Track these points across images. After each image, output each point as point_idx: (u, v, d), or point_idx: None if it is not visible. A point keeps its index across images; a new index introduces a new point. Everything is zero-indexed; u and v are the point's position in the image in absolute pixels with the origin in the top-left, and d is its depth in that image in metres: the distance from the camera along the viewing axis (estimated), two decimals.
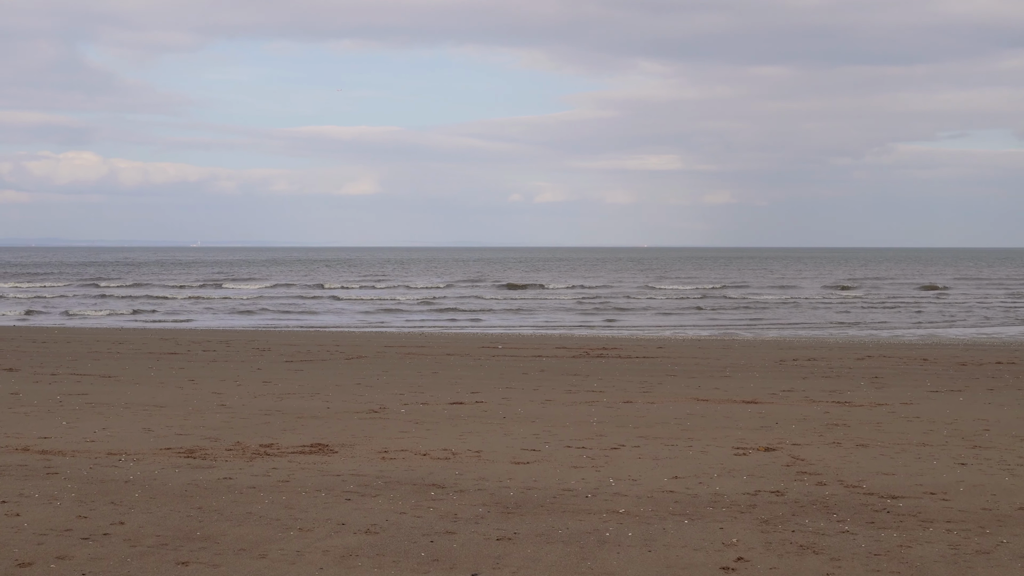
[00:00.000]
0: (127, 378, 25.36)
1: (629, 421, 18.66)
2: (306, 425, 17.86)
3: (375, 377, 26.12)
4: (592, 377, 26.59)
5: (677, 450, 15.68)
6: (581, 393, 22.96)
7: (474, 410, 20.01)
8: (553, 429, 17.59)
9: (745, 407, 20.75)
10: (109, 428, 17.40)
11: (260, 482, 13.16)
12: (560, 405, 20.88)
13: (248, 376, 26.11)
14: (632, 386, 24.47)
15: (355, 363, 30.31)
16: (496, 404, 20.89)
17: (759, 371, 28.63)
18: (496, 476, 13.65)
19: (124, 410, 19.58)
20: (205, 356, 32.09)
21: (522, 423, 18.28)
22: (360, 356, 32.54)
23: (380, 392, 22.82)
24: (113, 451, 15.28)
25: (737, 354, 34.52)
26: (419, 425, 17.94)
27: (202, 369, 27.92)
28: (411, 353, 33.82)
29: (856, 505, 12.22)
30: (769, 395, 22.85)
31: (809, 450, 15.76)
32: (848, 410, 20.43)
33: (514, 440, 16.44)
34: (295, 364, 29.73)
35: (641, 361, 31.63)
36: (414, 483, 13.17)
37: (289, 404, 20.67)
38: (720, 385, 24.84)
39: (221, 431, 17.17)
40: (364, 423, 18.15)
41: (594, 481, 13.39)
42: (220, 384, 24.13)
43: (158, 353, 32.98)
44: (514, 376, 26.82)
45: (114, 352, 33.26)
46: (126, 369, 27.69)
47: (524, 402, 21.26)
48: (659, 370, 28.74)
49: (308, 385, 24.08)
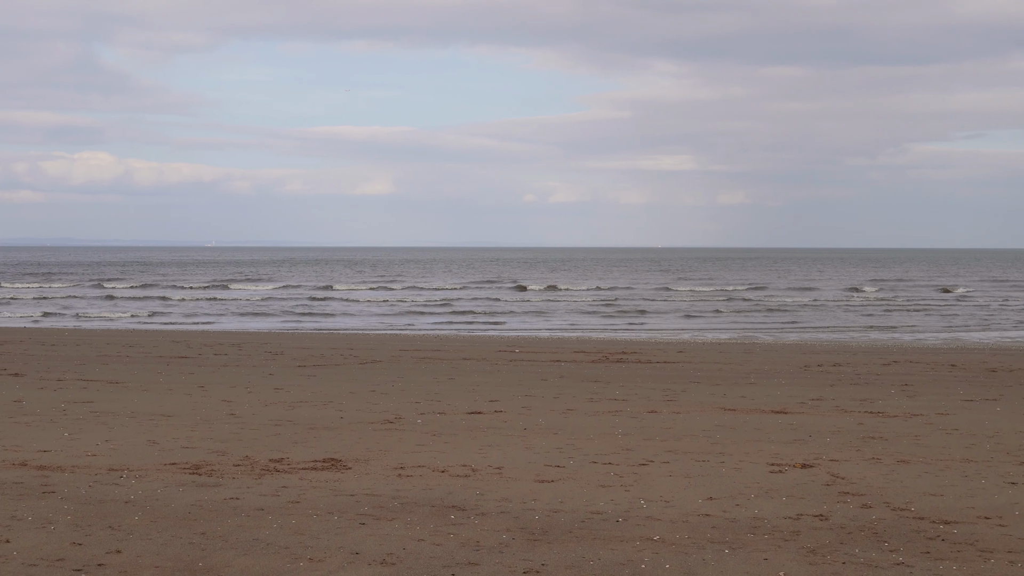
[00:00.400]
0: (135, 384, 24.60)
1: (655, 433, 17.82)
2: (318, 437, 17.05)
3: (390, 383, 25.32)
4: (613, 384, 25.76)
5: (709, 466, 14.83)
6: (603, 402, 22.13)
7: (493, 420, 19.19)
8: (577, 442, 16.75)
9: (775, 418, 19.89)
10: (113, 440, 16.61)
11: (269, 503, 12.34)
12: (582, 415, 20.04)
13: (259, 382, 25.33)
14: (655, 394, 23.63)
15: (369, 368, 29.52)
16: (516, 414, 20.07)
17: (784, 378, 27.76)
18: (520, 496, 12.81)
19: (129, 420, 18.80)
20: (216, 360, 31.33)
21: (544, 435, 17.44)
22: (375, 360, 31.76)
23: (395, 400, 22.02)
24: (115, 466, 14.48)
25: (760, 359, 33.64)
26: (436, 437, 17.11)
27: (212, 374, 27.15)
28: (427, 357, 33.02)
29: (907, 532, 11.35)
30: (798, 404, 21.99)
31: (848, 467, 14.89)
32: (882, 421, 19.56)
33: (537, 455, 15.60)
34: (308, 369, 28.95)
35: (662, 367, 30.78)
36: (432, 504, 12.33)
37: (301, 413, 19.87)
38: (746, 393, 23.98)
39: (229, 443, 16.37)
40: (379, 435, 17.33)
41: (624, 502, 12.55)
42: (230, 391, 23.35)
43: (168, 357, 32.24)
44: (533, 382, 26.00)
45: (124, 356, 32.53)
46: (135, 374, 26.94)
47: (545, 411, 20.43)
48: (682, 376, 27.89)
49: (321, 392, 23.29)
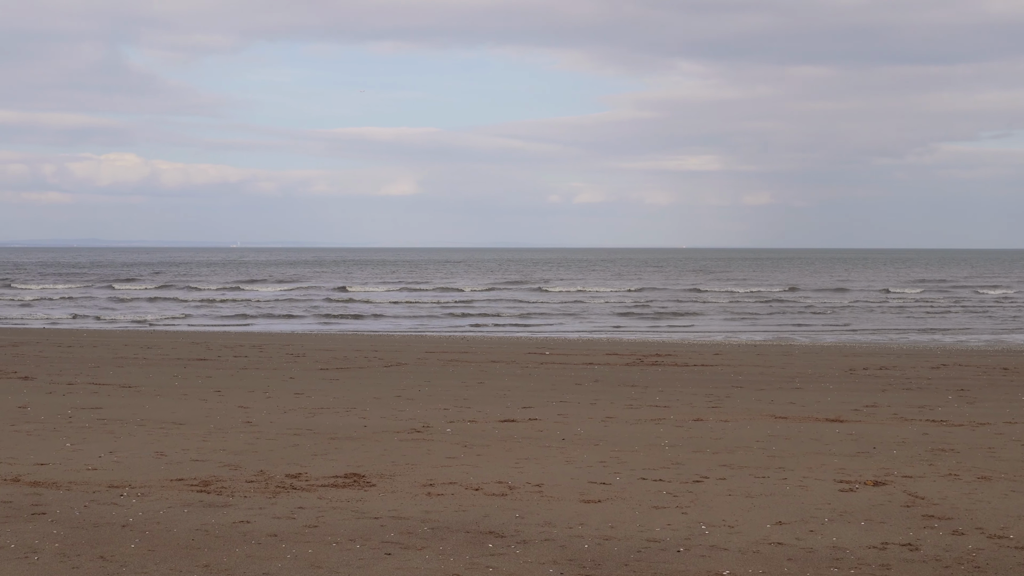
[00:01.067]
0: (148, 389, 23.26)
1: (705, 444, 16.36)
2: (340, 448, 15.65)
3: (416, 388, 23.92)
4: (652, 388, 24.30)
5: (771, 483, 13.36)
6: (644, 408, 20.68)
7: (528, 429, 17.76)
8: (621, 455, 15.30)
9: (831, 427, 18.40)
10: (117, 451, 15.24)
11: (283, 527, 10.93)
12: (623, 423, 18.60)
13: (279, 386, 23.96)
14: (698, 400, 22.16)
15: (394, 371, 28.14)
16: (552, 422, 18.64)
17: (831, 382, 26.26)
18: (564, 519, 11.38)
19: (138, 428, 17.43)
20: (235, 363, 29.99)
21: (584, 446, 16.00)
22: (399, 363, 30.37)
23: (422, 407, 20.61)
24: (116, 483, 13.11)
25: (801, 362, 32.13)
26: (468, 449, 15.69)
27: (230, 378, 25.80)
28: (454, 360, 31.62)
29: (1013, 566, 9.85)
30: (852, 411, 20.49)
31: (925, 484, 13.40)
32: (948, 431, 18.05)
33: (579, 469, 14.16)
34: (330, 372, 27.58)
35: (700, 370, 29.31)
36: (467, 530, 10.90)
37: (322, 421, 18.49)
38: (794, 399, 22.49)
39: (243, 456, 14.98)
40: (405, 446, 15.92)
41: (683, 527, 11.10)
42: (247, 396, 21.98)
43: (186, 359, 30.92)
44: (567, 387, 24.57)
45: (140, 358, 31.23)
46: (149, 378, 25.61)
47: (583, 419, 18.99)
48: (723, 380, 26.41)
49: (343, 397, 21.91)
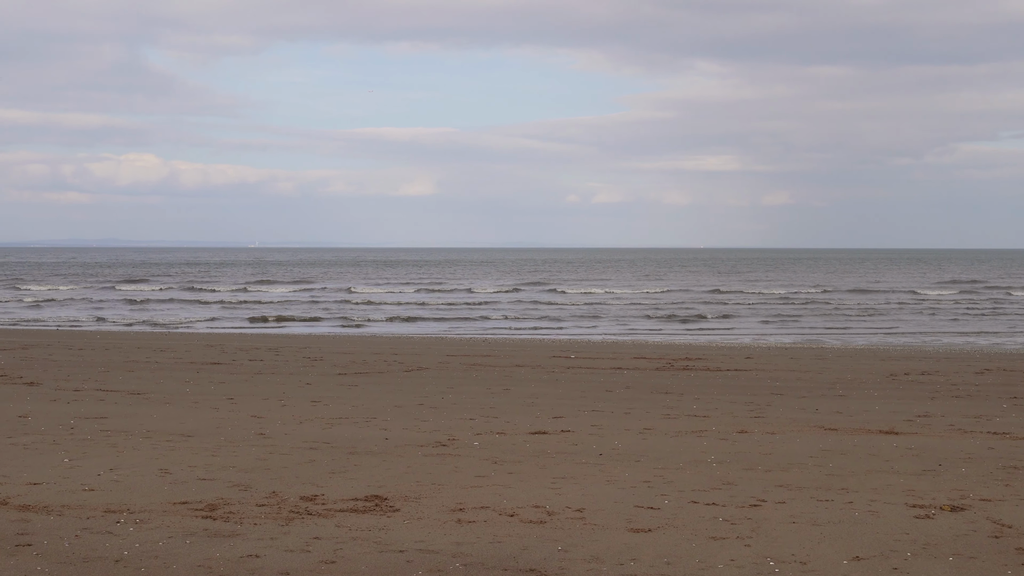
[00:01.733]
0: (157, 395, 22.02)
1: (755, 460, 15.04)
2: (360, 465, 14.37)
3: (439, 395, 22.63)
4: (687, 396, 22.97)
5: (836, 508, 12.04)
6: (682, 418, 19.35)
7: (561, 443, 16.45)
8: (666, 473, 13.98)
9: (887, 440, 17.05)
10: (118, 468, 13.98)
11: (296, 563, 9.65)
12: (662, 435, 17.28)
13: (295, 393, 22.70)
14: (738, 408, 20.83)
15: (416, 376, 26.86)
16: (586, 434, 17.33)
17: (874, 388, 24.90)
18: (613, 553, 10.07)
19: (143, 441, 16.18)
20: (250, 367, 28.75)
21: (624, 463, 14.69)
22: (421, 368, 29.10)
23: (447, 416, 19.32)
24: (113, 506, 11.84)
25: (838, 366, 30.75)
26: (498, 466, 14.39)
27: (244, 384, 24.54)
28: (477, 364, 30.34)
29: None
30: (904, 422, 19.14)
31: (1008, 509, 12.06)
32: (1015, 444, 16.68)
33: (622, 490, 12.85)
34: (349, 378, 26.31)
35: (734, 375, 27.95)
36: (504, 567, 9.60)
37: (340, 433, 17.21)
38: (840, 407, 21.14)
39: (255, 474, 13.71)
40: (431, 463, 14.62)
41: (748, 564, 9.78)
42: (262, 405, 20.72)
43: (199, 363, 29.69)
44: (597, 394, 23.26)
45: (152, 362, 30.01)
46: (160, 383, 24.37)
47: (618, 431, 17.68)
48: (760, 386, 25.07)
49: (363, 406, 20.63)
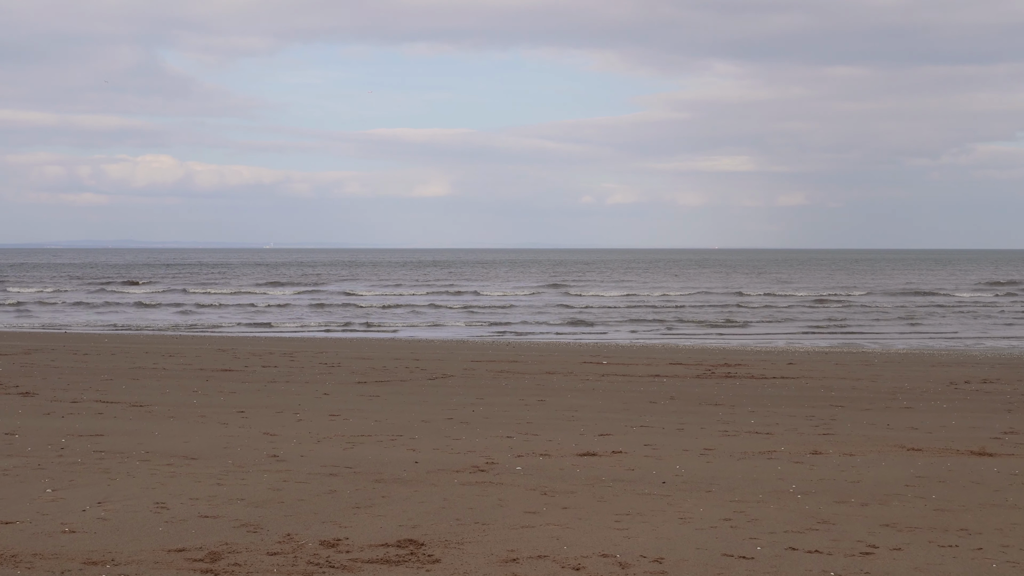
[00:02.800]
0: (162, 408, 19.98)
1: (844, 490, 12.94)
2: (388, 497, 12.30)
3: (469, 407, 20.56)
4: (739, 408, 20.87)
5: (965, 557, 9.92)
6: (743, 436, 17.25)
7: (615, 467, 14.37)
8: (746, 507, 11.89)
9: (983, 463, 14.92)
10: (108, 501, 11.92)
11: None
12: (727, 457, 15.18)
13: (311, 405, 20.64)
14: (800, 423, 18.73)
15: (440, 386, 24.80)
16: (641, 455, 15.24)
17: (940, 399, 22.76)
18: None
19: (140, 465, 14.13)
20: (264, 374, 26.71)
21: (694, 494, 12.60)
22: (445, 375, 27.04)
23: (480, 433, 17.25)
24: (95, 554, 9.77)
25: (890, 373, 28.61)
26: (549, 499, 12.30)
27: (257, 394, 22.49)
28: (504, 371, 28.27)
29: None
30: (992, 440, 17.01)
31: None
32: None
33: (701, 532, 10.75)
34: (369, 387, 24.26)
35: (783, 384, 25.83)
36: None
37: (363, 454, 15.14)
38: (912, 422, 19.03)
39: (266, 509, 11.65)
40: (470, 494, 12.54)
41: None
42: (275, 419, 18.67)
43: (210, 370, 27.66)
44: (641, 406, 21.16)
45: (159, 369, 27.99)
46: (165, 393, 22.34)
47: (676, 452, 15.59)
48: (815, 397, 22.95)
49: (387, 420, 18.57)
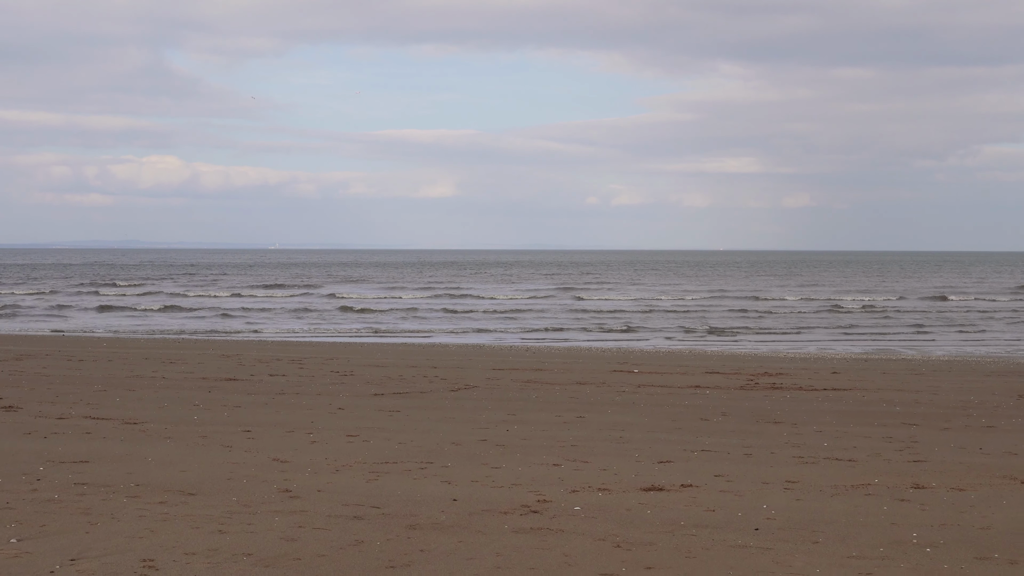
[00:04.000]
0: (157, 425, 17.66)
1: (976, 539, 10.59)
2: (428, 551, 9.97)
3: (502, 425, 18.23)
4: (803, 427, 18.53)
5: None
6: (822, 463, 14.90)
7: (691, 506, 12.04)
8: (872, 567, 9.53)
9: None
10: (84, 557, 9.59)
11: None
12: (816, 493, 12.85)
13: (326, 423, 18.33)
14: (882, 447, 16.39)
15: (465, 398, 22.48)
16: (715, 490, 12.91)
17: (1019, 415, 20.44)
18: None
19: (128, 504, 11.81)
20: (271, 385, 24.39)
21: (799, 546, 10.25)
22: (468, 386, 24.72)
23: (522, 459, 14.90)
24: None
25: (947, 384, 26.27)
26: (625, 553, 9.97)
27: (264, 408, 20.17)
28: (531, 381, 25.95)
29: None
30: None
31: None
32: None
33: None
34: (387, 399, 21.95)
35: (837, 396, 23.48)
36: None
37: (391, 489, 12.82)
38: (1005, 445, 16.67)
39: (279, 569, 9.29)
40: (526, 546, 10.20)
41: None
42: (286, 440, 16.34)
43: (212, 379, 25.35)
44: (692, 423, 18.83)
45: (158, 378, 25.67)
46: (163, 407, 20.03)
47: (754, 484, 13.26)
48: (881, 413, 20.61)
49: (412, 442, 16.24)
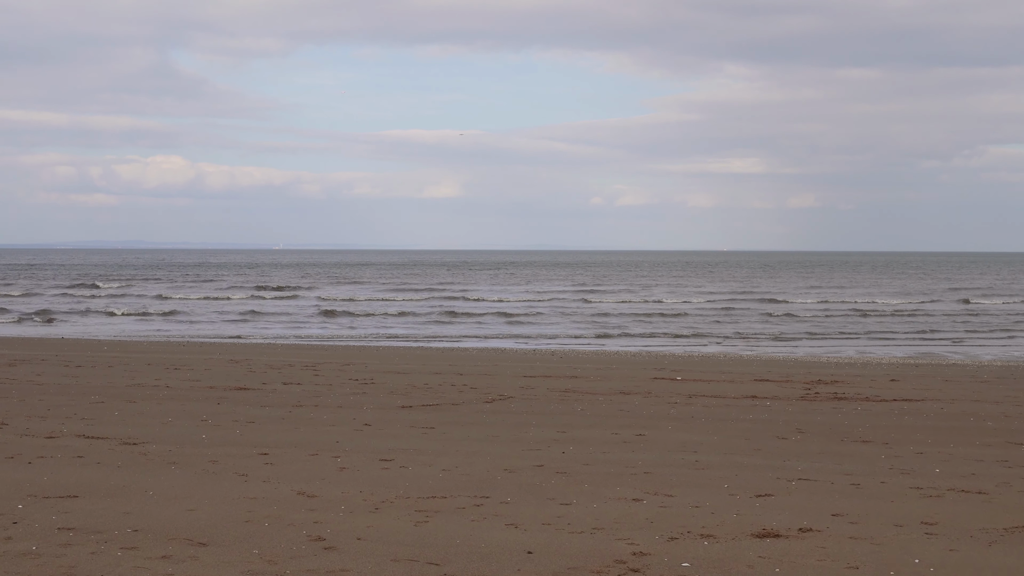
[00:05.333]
0: (160, 447, 15.19)
1: None
2: None
3: (556, 446, 15.76)
4: (898, 447, 16.06)
5: None
6: (948, 497, 12.42)
7: (823, 560, 9.57)
8: None
9: None
10: None
11: None
12: (968, 540, 10.38)
13: (353, 443, 15.86)
14: (1005, 472, 13.91)
15: (502, 410, 20.03)
16: (843, 536, 10.45)
17: None
18: None
19: (122, 559, 9.33)
20: (286, 395, 21.94)
21: None
22: (502, 396, 22.27)
23: (593, 491, 12.42)
24: None
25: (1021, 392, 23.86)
26: None
27: (281, 425, 17.70)
28: (569, 390, 23.51)
29: None
30: None
31: None
32: None
33: None
34: (417, 413, 19.49)
35: (913, 408, 21.02)
36: None
37: (446, 535, 10.36)
38: None
39: None
40: None
41: None
42: (310, 467, 13.87)
43: (221, 388, 22.89)
44: (769, 442, 16.37)
45: (161, 386, 23.22)
46: (167, 423, 17.58)
47: (885, 527, 10.80)
48: (974, 429, 18.17)
49: (458, 468, 13.76)
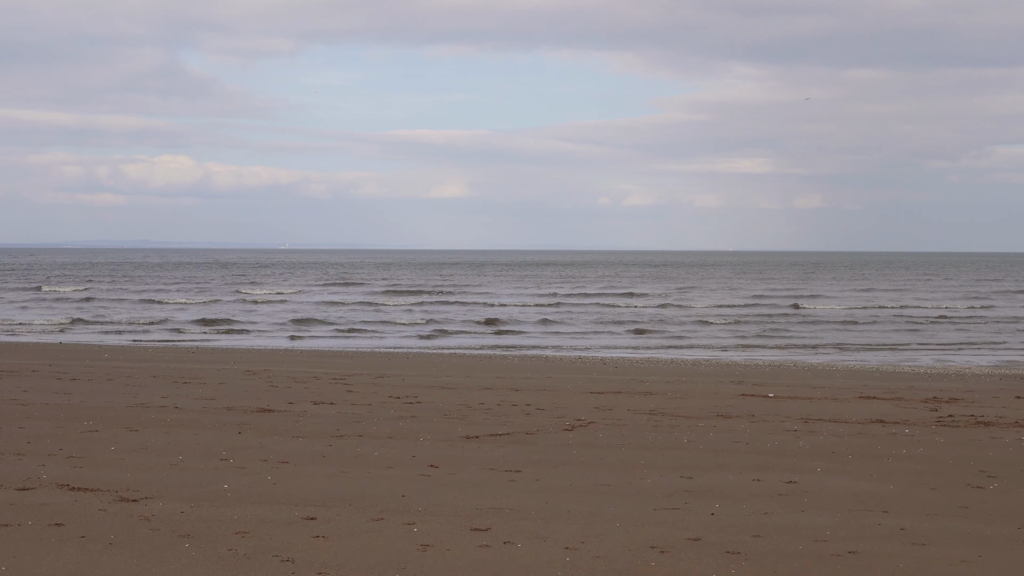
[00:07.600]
0: (168, 508, 11.06)
1: None
2: None
3: (694, 501, 11.68)
4: None
5: None
6: None
7: None
8: None
9: None
10: None
11: None
12: None
13: (425, 498, 11.75)
14: None
15: (591, 442, 15.93)
16: None
17: None
18: None
19: None
20: (321, 420, 17.83)
21: None
22: (581, 421, 18.17)
23: None
24: None
25: None
26: None
27: (323, 468, 13.57)
28: (656, 412, 19.43)
29: None
30: None
31: None
32: None
33: None
34: (487, 446, 15.40)
35: None
36: None
37: None
38: None
39: None
40: None
41: None
42: (379, 543, 9.74)
43: (241, 410, 18.80)
44: (967, 495, 12.36)
45: (168, 408, 19.12)
46: (175, 466, 13.48)
47: None
48: None
49: (583, 545, 9.68)
